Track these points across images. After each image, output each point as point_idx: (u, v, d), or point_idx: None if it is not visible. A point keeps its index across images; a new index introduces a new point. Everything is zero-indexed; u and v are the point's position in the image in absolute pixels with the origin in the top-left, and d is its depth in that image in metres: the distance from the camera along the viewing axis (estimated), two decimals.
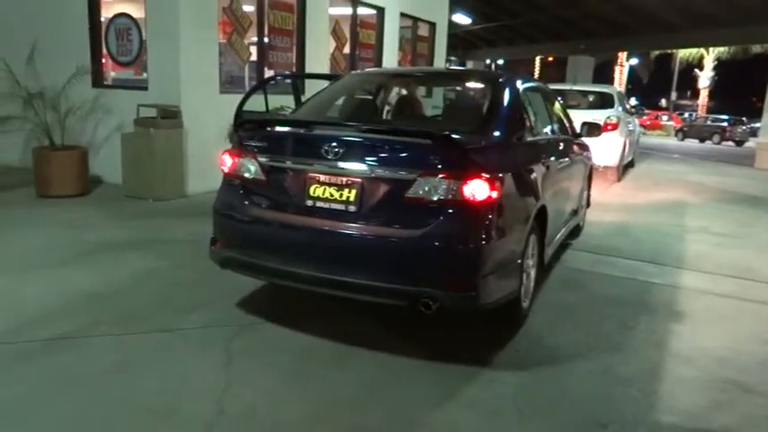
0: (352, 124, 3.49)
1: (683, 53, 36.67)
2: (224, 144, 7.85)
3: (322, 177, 3.31)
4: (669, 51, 36.60)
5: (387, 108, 4.88)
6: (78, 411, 2.70)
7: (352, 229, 3.25)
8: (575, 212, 5.69)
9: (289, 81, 7.37)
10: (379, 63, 11.36)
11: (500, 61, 39.44)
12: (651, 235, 6.76)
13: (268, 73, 8.68)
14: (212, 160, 7.68)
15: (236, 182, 3.60)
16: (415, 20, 12.67)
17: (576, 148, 5.42)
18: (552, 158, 4.37)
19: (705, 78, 38.05)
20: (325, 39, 9.73)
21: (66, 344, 3.32)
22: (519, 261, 3.53)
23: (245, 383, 3.01)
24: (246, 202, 3.53)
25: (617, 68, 36.36)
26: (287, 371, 3.17)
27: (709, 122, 33.63)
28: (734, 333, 4.04)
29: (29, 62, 7.45)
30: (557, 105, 5.30)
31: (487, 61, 35.93)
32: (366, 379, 3.13)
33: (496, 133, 3.60)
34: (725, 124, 31.98)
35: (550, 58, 38.02)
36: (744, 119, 32.88)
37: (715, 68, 37.64)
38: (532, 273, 3.92)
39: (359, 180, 3.23)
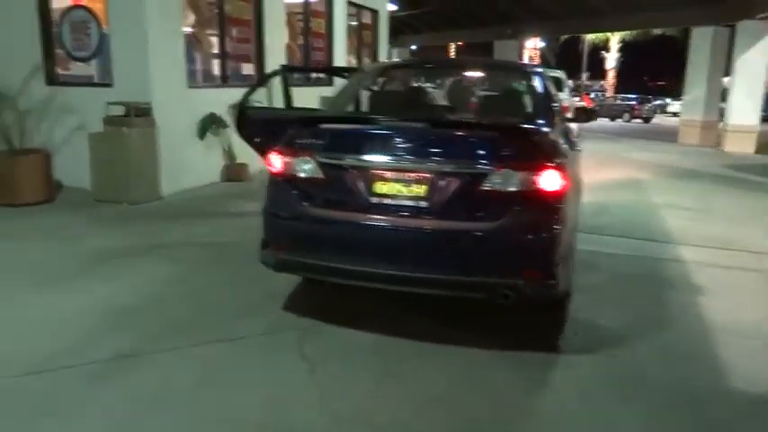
0: (419, 120, 3.45)
1: (591, 35, 38.32)
2: (195, 141, 7.57)
3: (388, 174, 3.26)
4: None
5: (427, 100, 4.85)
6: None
7: (424, 224, 3.24)
8: None
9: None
10: (330, 52, 11.21)
11: (413, 46, 39.70)
12: (628, 213, 7.11)
13: (231, 65, 8.39)
14: (184, 159, 7.41)
15: (290, 182, 3.47)
16: (359, 8, 12.59)
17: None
18: (574, 145, 4.50)
19: (612, 60, 40.05)
20: (282, 28, 9.48)
21: (133, 362, 3.11)
22: (573, 245, 3.64)
23: (340, 388, 2.95)
24: (304, 202, 3.42)
25: (526, 51, 37.47)
26: (372, 372, 3.13)
27: (618, 102, 35.41)
28: (755, 301, 4.34)
29: None
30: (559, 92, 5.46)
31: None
32: (450, 373, 3.14)
33: (542, 122, 3.65)
34: (634, 103, 33.80)
35: (459, 43, 38.78)
36: (650, 97, 34.94)
37: (620, 50, 39.65)
38: None
39: (429, 175, 3.21)
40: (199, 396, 2.84)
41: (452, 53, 46.66)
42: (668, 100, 37.21)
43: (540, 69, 4.29)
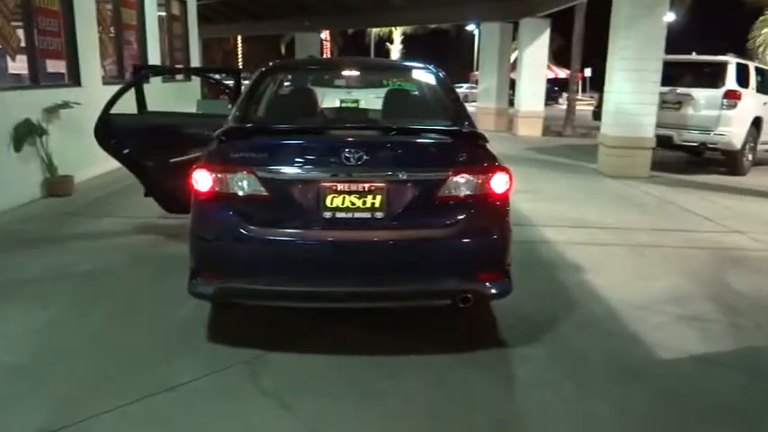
0: (372, 127, 3.29)
1: (376, 29, 40.04)
2: (9, 154, 6.43)
3: (340, 186, 3.08)
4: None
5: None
6: None
7: (382, 236, 3.13)
8: None
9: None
10: (143, 45, 10.25)
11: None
12: None
13: (49, 64, 7.25)
14: None
15: (224, 201, 3.11)
16: None
17: None
18: None
19: (396, 51, 42.23)
20: (94, 20, 8.40)
21: None
22: None
23: (328, 422, 2.75)
24: (246, 223, 3.08)
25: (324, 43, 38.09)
26: (349, 396, 2.95)
27: None
28: (630, 274, 4.90)
29: None
30: None
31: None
32: (425, 385, 3.08)
33: (468, 123, 3.70)
34: None
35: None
36: None
37: (402, 42, 41.97)
38: None
39: (383, 185, 3.09)
40: None
41: (239, 45, 45.60)
42: None
43: (435, 67, 4.33)
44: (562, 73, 33.06)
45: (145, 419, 2.71)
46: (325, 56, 34.07)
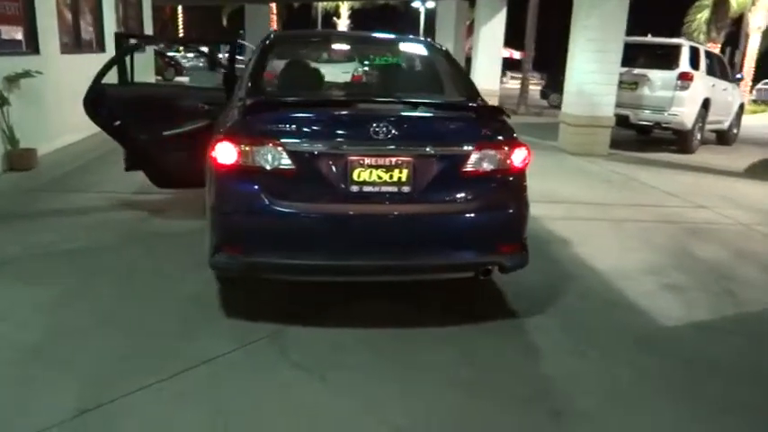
0: (397, 101, 3.28)
1: (323, 3, 39.47)
2: None
3: (367, 160, 3.08)
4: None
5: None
6: None
7: (408, 210, 3.16)
8: None
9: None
10: (99, 13, 9.79)
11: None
12: None
13: (3, 30, 6.84)
14: None
15: (250, 174, 3.05)
16: None
17: None
18: None
19: (343, 26, 41.69)
20: None
21: (107, 413, 2.50)
22: None
23: (372, 394, 2.77)
24: (271, 197, 3.04)
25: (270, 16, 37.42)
26: (381, 369, 2.98)
27: None
28: (615, 246, 5.11)
29: None
30: None
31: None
32: (452, 355, 3.14)
33: (479, 99, 3.75)
34: None
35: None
36: None
37: (350, 17, 41.49)
38: None
39: (410, 159, 3.11)
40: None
41: (179, 14, 44.24)
42: None
43: (440, 44, 4.36)
44: (506, 52, 33.58)
45: (185, 393, 2.68)
46: (271, 28, 33.39)
